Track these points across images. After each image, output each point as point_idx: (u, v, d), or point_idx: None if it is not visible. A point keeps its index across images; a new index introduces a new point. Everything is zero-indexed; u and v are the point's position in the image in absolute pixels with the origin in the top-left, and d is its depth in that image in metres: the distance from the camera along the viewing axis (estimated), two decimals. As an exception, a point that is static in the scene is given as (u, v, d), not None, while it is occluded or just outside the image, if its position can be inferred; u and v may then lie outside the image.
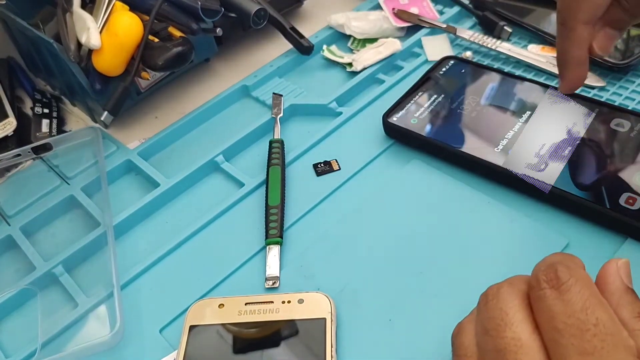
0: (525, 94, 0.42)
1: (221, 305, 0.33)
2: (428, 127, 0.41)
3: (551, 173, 0.35)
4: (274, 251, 0.36)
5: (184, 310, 0.34)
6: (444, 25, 0.52)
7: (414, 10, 0.55)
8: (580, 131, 0.38)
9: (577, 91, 0.38)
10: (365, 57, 0.50)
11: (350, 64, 0.51)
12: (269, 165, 0.42)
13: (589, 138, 0.37)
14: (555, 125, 0.38)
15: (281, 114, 0.47)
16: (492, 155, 0.38)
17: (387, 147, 0.43)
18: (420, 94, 0.44)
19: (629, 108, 0.40)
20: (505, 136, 0.39)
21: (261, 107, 0.49)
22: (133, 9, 0.46)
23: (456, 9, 0.55)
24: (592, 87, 0.44)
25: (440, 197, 0.38)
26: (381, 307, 0.33)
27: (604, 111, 0.39)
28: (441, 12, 0.56)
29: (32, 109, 0.52)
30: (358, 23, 0.54)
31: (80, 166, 0.46)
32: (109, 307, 0.35)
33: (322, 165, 0.43)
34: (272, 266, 0.36)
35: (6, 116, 0.50)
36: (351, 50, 0.54)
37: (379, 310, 0.33)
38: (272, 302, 0.33)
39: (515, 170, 0.36)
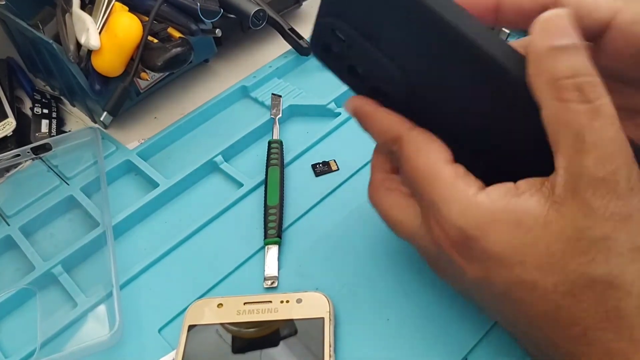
0: None
1: (220, 305, 0.33)
2: None
3: None
4: (272, 251, 0.37)
5: (183, 310, 0.34)
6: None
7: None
8: None
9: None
10: (363, 58, 0.50)
11: (349, 65, 0.51)
12: (267, 165, 0.42)
13: None
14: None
15: (280, 115, 0.47)
16: None
17: (385, 147, 0.43)
18: None
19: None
20: None
21: (260, 108, 0.50)
22: (132, 9, 0.46)
23: (454, 10, 0.55)
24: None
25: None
26: (379, 307, 0.33)
27: None
28: (440, 13, 0.56)
29: (32, 109, 0.52)
30: (357, 24, 0.54)
31: (79, 166, 0.46)
32: (108, 306, 0.36)
33: (320, 165, 0.43)
34: (271, 266, 0.36)
35: (6, 116, 0.50)
36: (350, 51, 0.54)
37: (377, 310, 0.33)
38: (271, 301, 0.33)
39: None
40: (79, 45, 0.44)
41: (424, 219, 0.26)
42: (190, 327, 0.32)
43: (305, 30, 0.55)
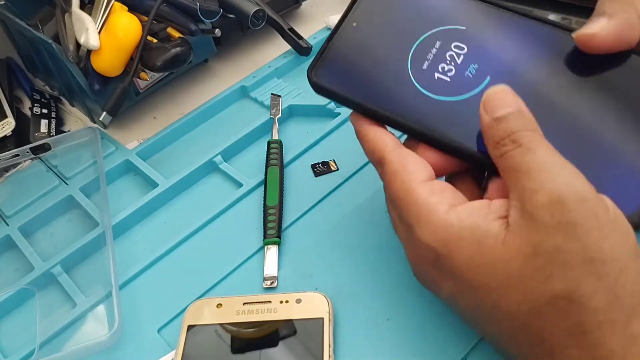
0: None
1: (219, 305, 0.33)
2: None
3: None
4: (272, 251, 0.37)
5: (182, 310, 0.34)
6: (442, 27, 0.52)
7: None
8: None
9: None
10: (363, 58, 0.50)
11: (348, 65, 0.51)
12: (267, 165, 0.42)
13: None
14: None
15: (279, 115, 0.47)
16: None
17: (385, 147, 0.43)
18: None
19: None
20: None
21: (260, 108, 0.50)
22: (132, 9, 0.46)
23: (454, 10, 0.55)
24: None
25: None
26: (379, 307, 0.33)
27: None
28: (439, 13, 0.56)
29: (31, 109, 0.52)
30: (356, 24, 0.54)
31: (78, 166, 0.46)
32: (107, 307, 0.36)
33: (320, 165, 0.43)
34: (270, 266, 0.36)
35: (5, 116, 0.50)
36: (349, 51, 0.54)
37: (377, 310, 0.33)
38: (270, 302, 0.33)
39: None
40: (78, 45, 0.44)
41: (406, 240, 0.27)
42: (190, 327, 0.32)
43: (305, 30, 0.55)
